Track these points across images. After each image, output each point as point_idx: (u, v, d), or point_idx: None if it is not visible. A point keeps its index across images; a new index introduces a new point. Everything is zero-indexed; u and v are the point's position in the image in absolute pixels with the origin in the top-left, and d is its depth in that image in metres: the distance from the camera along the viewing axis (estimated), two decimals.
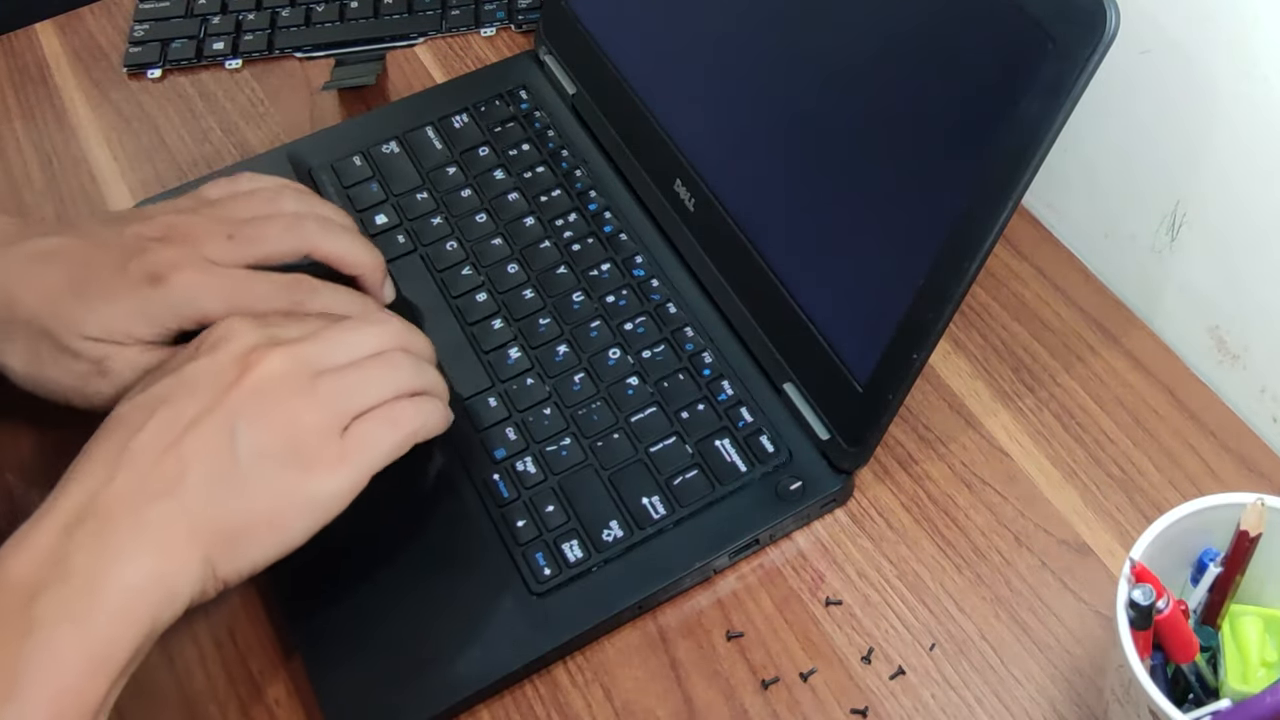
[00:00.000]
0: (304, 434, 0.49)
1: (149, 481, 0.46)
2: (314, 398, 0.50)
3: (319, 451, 0.50)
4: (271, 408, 0.49)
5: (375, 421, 0.52)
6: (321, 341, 0.52)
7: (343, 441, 0.50)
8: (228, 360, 0.50)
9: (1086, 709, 0.54)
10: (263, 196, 0.61)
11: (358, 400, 0.51)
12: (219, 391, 0.49)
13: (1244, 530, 0.47)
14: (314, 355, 0.51)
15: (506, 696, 0.55)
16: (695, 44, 0.65)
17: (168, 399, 0.49)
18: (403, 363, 0.54)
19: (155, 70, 0.81)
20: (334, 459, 0.50)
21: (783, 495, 0.58)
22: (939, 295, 0.52)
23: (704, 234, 0.65)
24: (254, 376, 0.49)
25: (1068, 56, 0.46)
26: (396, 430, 0.52)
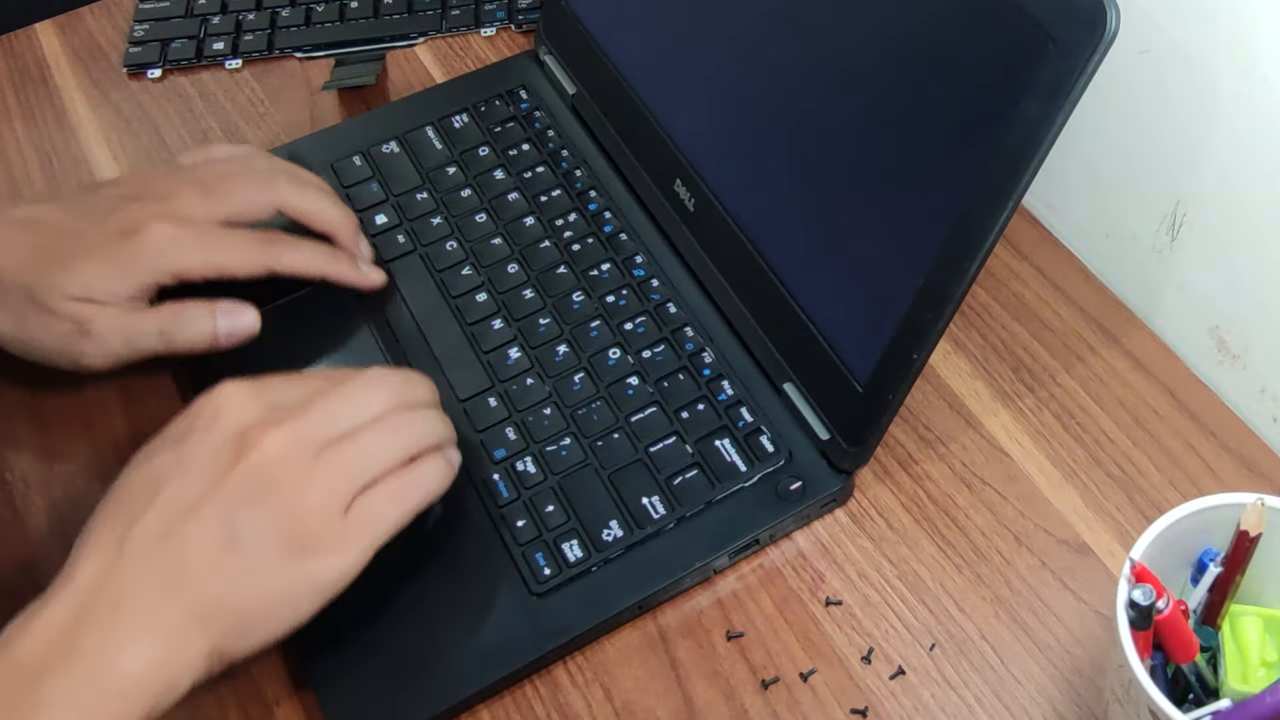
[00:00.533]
0: (306, 517, 0.48)
1: (152, 572, 0.46)
2: (315, 478, 0.49)
3: (322, 534, 0.49)
4: (272, 492, 0.48)
5: (379, 498, 0.50)
6: (321, 412, 0.50)
7: (346, 521, 0.49)
8: (225, 439, 0.49)
9: (1086, 709, 0.54)
10: (236, 159, 0.62)
11: (361, 475, 0.50)
12: (217, 475, 0.48)
13: (1244, 530, 0.47)
14: (314, 429, 0.50)
15: (506, 696, 0.55)
16: (695, 44, 0.65)
17: (167, 479, 0.48)
18: (403, 426, 0.52)
19: (155, 70, 0.81)
20: (337, 541, 0.49)
21: (783, 495, 0.58)
22: (939, 295, 0.52)
23: (704, 234, 0.65)
24: (253, 459, 0.48)
25: (1068, 56, 0.46)
26: (400, 505, 0.51)
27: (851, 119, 0.56)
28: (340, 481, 0.49)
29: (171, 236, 0.56)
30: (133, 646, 0.45)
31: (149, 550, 0.46)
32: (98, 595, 0.45)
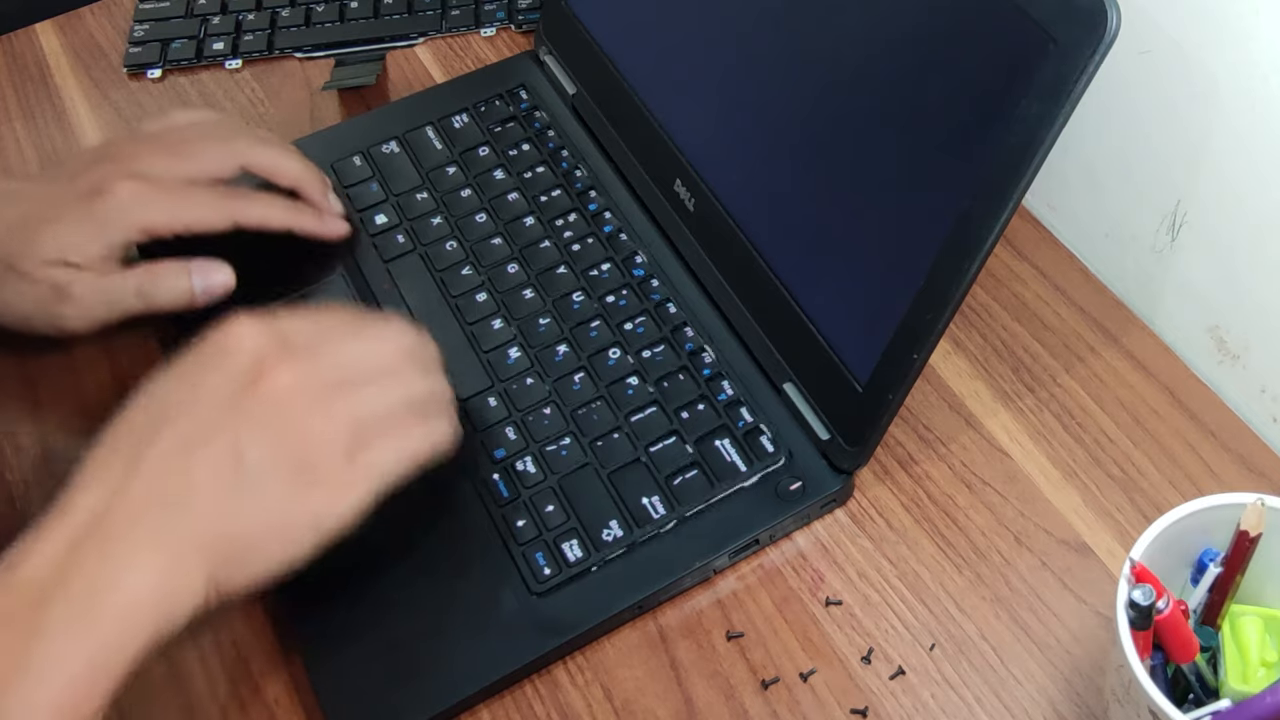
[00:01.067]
0: (313, 452, 0.49)
1: (159, 495, 0.46)
2: (324, 414, 0.49)
3: (328, 472, 0.49)
4: (282, 423, 0.48)
5: (385, 446, 0.51)
6: (334, 352, 0.51)
7: (352, 464, 0.49)
8: (237, 370, 0.49)
9: (1086, 709, 0.54)
10: (200, 123, 0.64)
11: (368, 420, 0.50)
12: (229, 405, 0.48)
13: (1244, 530, 0.47)
14: (325, 368, 0.50)
15: (506, 696, 0.55)
16: (695, 44, 0.65)
17: (178, 410, 0.48)
18: (412, 376, 0.53)
19: (155, 70, 0.81)
20: (342, 481, 0.49)
21: (783, 495, 0.58)
22: (939, 295, 0.52)
23: (704, 234, 0.65)
24: (264, 389, 0.48)
25: (1068, 57, 0.46)
26: (405, 456, 0.51)
27: (851, 118, 0.56)
28: (347, 423, 0.50)
29: (138, 193, 0.58)
30: (134, 571, 0.45)
31: (156, 477, 0.47)
32: (102, 520, 0.46)
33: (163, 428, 0.48)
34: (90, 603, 0.44)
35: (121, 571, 0.45)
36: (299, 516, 0.48)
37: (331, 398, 0.50)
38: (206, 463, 0.47)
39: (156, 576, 0.45)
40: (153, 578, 0.45)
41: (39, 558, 0.45)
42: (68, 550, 0.45)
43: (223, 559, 0.47)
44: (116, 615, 0.44)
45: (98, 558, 0.45)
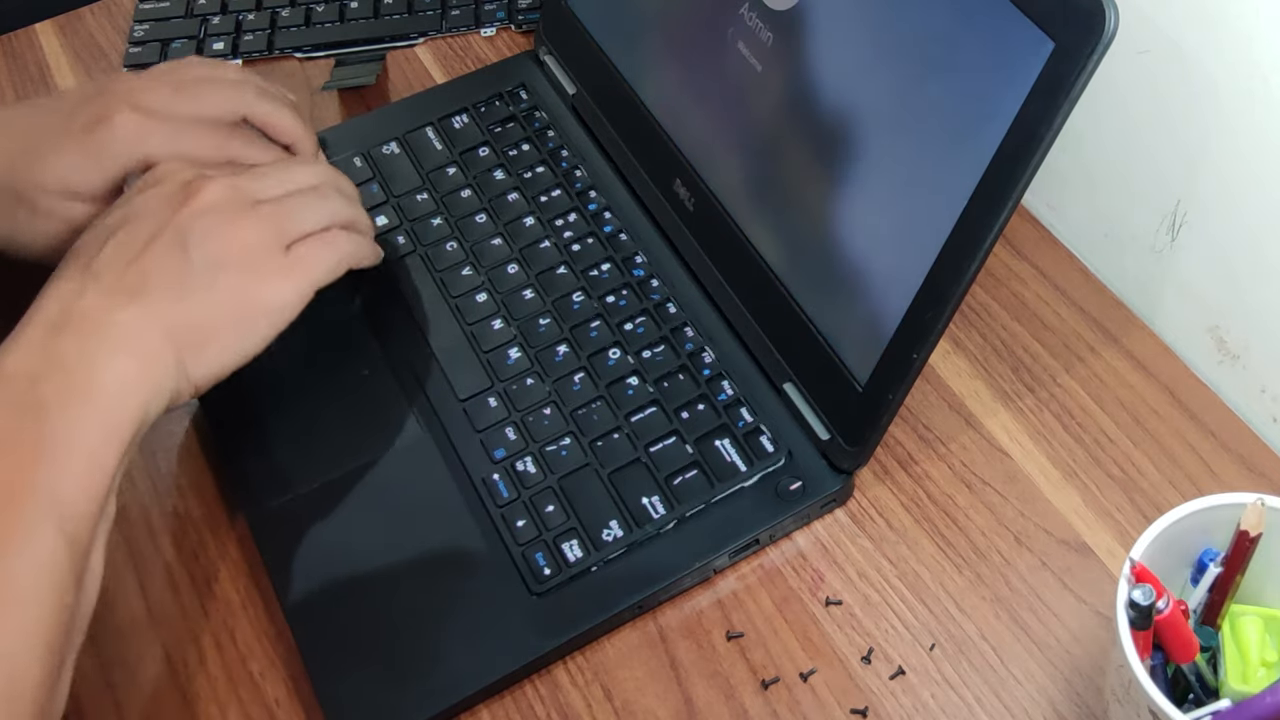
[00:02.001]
0: (250, 249, 0.54)
1: (116, 292, 0.51)
2: (255, 218, 0.55)
3: (266, 263, 0.54)
4: (218, 226, 0.54)
5: (314, 243, 0.56)
6: (257, 175, 0.57)
7: (287, 257, 0.55)
8: (172, 189, 0.54)
9: (1086, 709, 0.54)
10: (207, 65, 0.65)
11: (295, 223, 0.56)
12: (168, 214, 0.53)
13: (1244, 530, 0.47)
14: (251, 186, 0.56)
15: (506, 696, 0.55)
16: (695, 44, 0.65)
17: (122, 224, 0.53)
18: (334, 195, 0.58)
19: None
20: (280, 271, 0.55)
21: (783, 495, 0.58)
22: (939, 295, 0.52)
23: (703, 234, 0.65)
24: (199, 201, 0.54)
25: (1068, 57, 0.46)
26: (334, 251, 0.57)
27: (851, 118, 0.56)
28: (278, 224, 0.55)
29: (138, 124, 0.59)
30: (111, 356, 0.49)
31: (113, 275, 0.51)
32: (69, 315, 0.50)
33: (110, 239, 0.52)
34: (82, 380, 0.48)
35: (100, 356, 0.49)
36: (251, 305, 0.54)
37: (260, 207, 0.55)
38: (155, 261, 0.52)
39: (131, 361, 0.49)
40: (128, 362, 0.49)
41: (21, 353, 0.48)
42: (46, 344, 0.49)
43: (188, 347, 0.52)
44: (106, 394, 0.48)
45: (76, 346, 0.49)
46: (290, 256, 0.55)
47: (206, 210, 0.54)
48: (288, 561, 0.57)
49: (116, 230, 0.53)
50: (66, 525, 0.46)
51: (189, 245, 0.53)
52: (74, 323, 0.49)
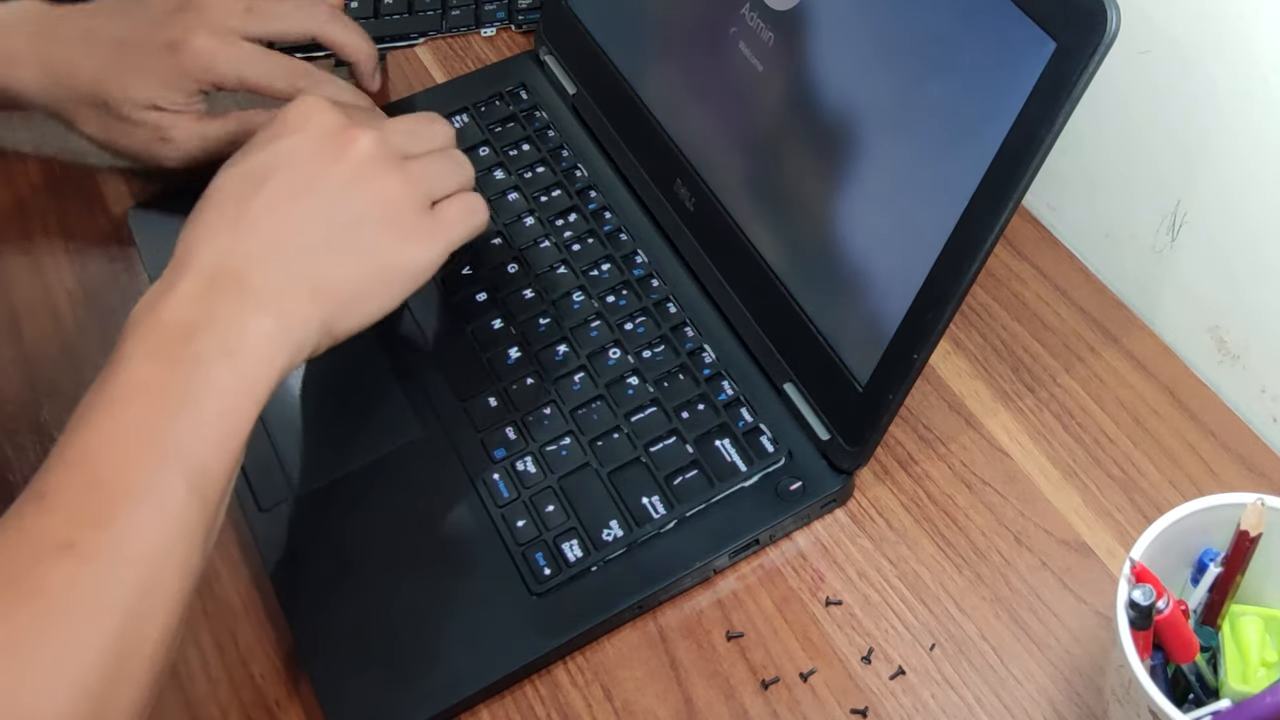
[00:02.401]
0: (398, 207, 0.54)
1: (272, 246, 0.51)
2: (404, 177, 0.54)
3: (413, 223, 0.54)
4: (369, 181, 0.53)
5: (455, 205, 0.57)
6: (401, 128, 0.56)
7: (431, 217, 0.55)
8: (323, 136, 0.54)
9: (1086, 709, 0.54)
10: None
11: (439, 183, 0.56)
12: (321, 165, 0.53)
13: (1244, 530, 0.47)
14: (397, 141, 0.55)
15: (506, 696, 0.55)
16: (695, 44, 0.65)
17: (273, 170, 0.52)
18: (463, 160, 0.58)
19: None
20: (426, 231, 0.55)
21: (783, 495, 0.58)
22: (939, 295, 0.52)
23: (704, 233, 0.65)
24: (351, 153, 0.53)
25: (1068, 57, 0.46)
26: (474, 215, 0.57)
27: (852, 118, 0.56)
28: (423, 184, 0.55)
29: (212, 49, 0.63)
30: (261, 310, 0.49)
31: (265, 228, 0.51)
32: (223, 268, 0.50)
33: (263, 184, 0.52)
34: (234, 336, 0.48)
35: (253, 314, 0.49)
36: (395, 264, 0.54)
37: (407, 163, 0.55)
38: (308, 216, 0.52)
39: (281, 320, 0.50)
40: (277, 322, 0.50)
41: (179, 300, 0.49)
42: (203, 294, 0.49)
43: (333, 304, 0.52)
44: (257, 347, 0.49)
45: (230, 302, 0.49)
46: (433, 217, 0.55)
47: (357, 164, 0.53)
48: (288, 562, 0.57)
49: (269, 178, 0.52)
50: (197, 482, 0.46)
51: (340, 201, 0.53)
52: (229, 277, 0.50)
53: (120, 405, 0.46)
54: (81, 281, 0.70)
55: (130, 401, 0.46)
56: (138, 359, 0.47)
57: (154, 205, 0.72)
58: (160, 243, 0.70)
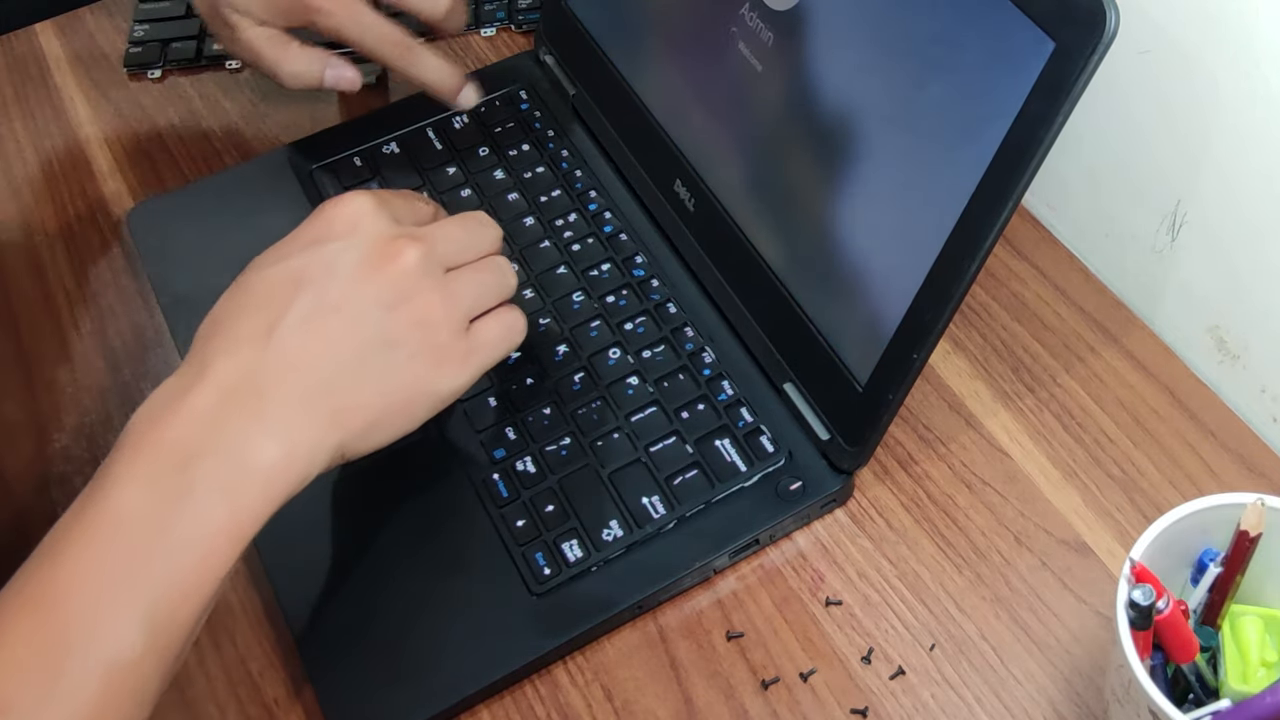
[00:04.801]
0: (434, 330, 0.51)
1: (298, 364, 0.48)
2: (446, 294, 0.52)
3: (447, 347, 0.52)
4: (408, 302, 0.51)
5: (494, 326, 0.54)
6: (448, 237, 0.54)
7: (469, 340, 0.53)
8: (368, 247, 0.51)
9: (1086, 709, 0.54)
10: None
11: (478, 302, 0.54)
12: (361, 280, 0.50)
13: (1244, 530, 0.47)
14: (443, 252, 0.53)
15: (506, 696, 0.55)
16: (695, 44, 0.65)
17: (311, 281, 0.50)
18: (507, 269, 0.56)
19: (155, 70, 0.81)
20: (460, 356, 0.52)
21: (783, 495, 0.58)
22: (939, 295, 0.52)
23: (704, 234, 0.65)
24: (394, 270, 0.51)
25: (1068, 57, 0.46)
26: (511, 336, 0.55)
27: (851, 118, 0.56)
28: (464, 303, 0.53)
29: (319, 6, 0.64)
30: (274, 436, 0.47)
31: (292, 346, 0.48)
32: (242, 385, 0.47)
33: (297, 296, 0.49)
34: (235, 466, 0.46)
35: (264, 436, 0.47)
36: (422, 391, 0.52)
37: (449, 280, 0.53)
38: (340, 330, 0.49)
39: (293, 444, 0.47)
40: (289, 445, 0.47)
41: (187, 418, 0.46)
42: (214, 413, 0.46)
43: (351, 428, 0.49)
44: (257, 478, 0.46)
45: (242, 423, 0.47)
46: (468, 339, 0.53)
47: (398, 281, 0.51)
48: (287, 562, 0.57)
49: (305, 288, 0.49)
50: (160, 637, 0.43)
51: (375, 321, 0.50)
52: (249, 395, 0.47)
53: (95, 539, 0.44)
54: (81, 282, 0.70)
55: (107, 535, 0.44)
56: (126, 483, 0.45)
57: (154, 205, 0.72)
58: (160, 243, 0.70)
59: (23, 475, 0.63)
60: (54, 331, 0.68)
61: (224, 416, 0.46)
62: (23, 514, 0.61)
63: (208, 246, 0.69)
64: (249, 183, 0.73)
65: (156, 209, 0.72)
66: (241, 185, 0.73)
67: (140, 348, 0.67)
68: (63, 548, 0.44)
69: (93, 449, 0.63)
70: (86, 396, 0.65)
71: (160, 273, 0.69)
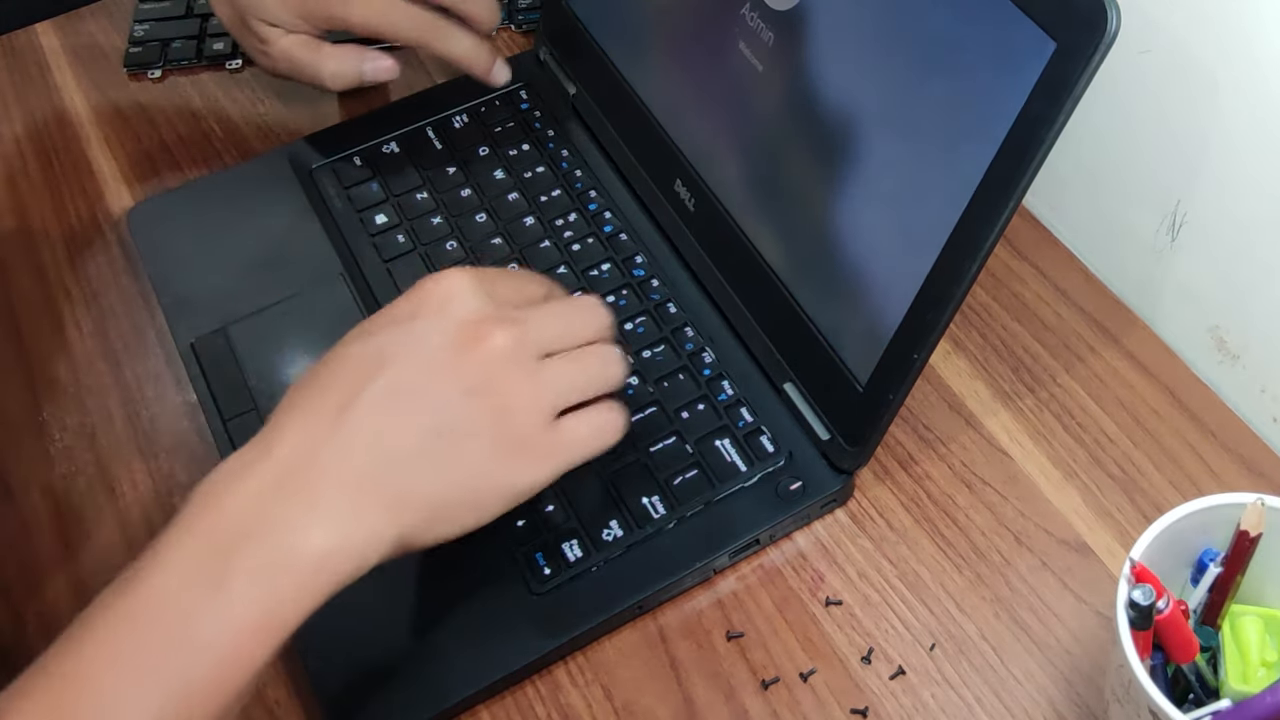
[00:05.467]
0: (518, 420, 0.49)
1: (364, 449, 0.46)
2: (534, 384, 0.49)
3: (528, 440, 0.49)
4: (492, 388, 0.48)
5: (582, 423, 0.51)
6: (544, 321, 0.51)
7: (553, 435, 0.50)
8: (455, 327, 0.49)
9: (1086, 709, 0.54)
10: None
11: (570, 394, 0.51)
12: (444, 361, 0.48)
13: (1244, 530, 0.47)
14: (536, 337, 0.50)
15: (506, 696, 0.55)
16: (696, 44, 0.65)
17: (394, 359, 0.48)
18: (612, 358, 0.53)
19: (155, 70, 0.81)
20: (540, 452, 0.49)
21: (783, 495, 0.58)
22: (939, 295, 0.52)
23: (704, 234, 0.65)
24: (480, 353, 0.48)
25: (1069, 57, 0.46)
26: (601, 439, 0.52)
27: (852, 119, 0.56)
28: (552, 395, 0.50)
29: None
30: (325, 523, 0.44)
31: (363, 426, 0.46)
32: (302, 466, 0.45)
33: (378, 374, 0.47)
34: (279, 553, 0.44)
35: (314, 523, 0.44)
36: (494, 485, 0.49)
37: (539, 368, 0.50)
38: (412, 414, 0.47)
39: (349, 534, 0.45)
40: (345, 535, 0.45)
41: (241, 496, 0.44)
42: (271, 491, 0.44)
43: (414, 520, 0.47)
44: (305, 568, 0.44)
45: (294, 505, 0.44)
46: (553, 434, 0.50)
47: (488, 364, 0.48)
48: None
49: (388, 366, 0.47)
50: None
51: (456, 407, 0.48)
52: (307, 478, 0.45)
53: (124, 622, 0.42)
54: (81, 282, 0.70)
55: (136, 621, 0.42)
56: (167, 563, 0.43)
57: (154, 205, 0.72)
58: (160, 243, 0.70)
59: (23, 475, 0.63)
60: (54, 331, 0.68)
61: (278, 499, 0.44)
62: (23, 515, 0.61)
63: (208, 246, 0.69)
64: (249, 183, 0.73)
65: (156, 209, 0.72)
66: (241, 185, 0.73)
67: (140, 348, 0.67)
68: (98, 624, 0.42)
69: (93, 449, 0.63)
70: (87, 396, 0.65)
71: (160, 273, 0.69)
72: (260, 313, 0.66)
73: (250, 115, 0.79)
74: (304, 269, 0.68)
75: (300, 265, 0.68)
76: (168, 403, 0.65)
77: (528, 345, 0.49)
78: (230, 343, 0.65)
